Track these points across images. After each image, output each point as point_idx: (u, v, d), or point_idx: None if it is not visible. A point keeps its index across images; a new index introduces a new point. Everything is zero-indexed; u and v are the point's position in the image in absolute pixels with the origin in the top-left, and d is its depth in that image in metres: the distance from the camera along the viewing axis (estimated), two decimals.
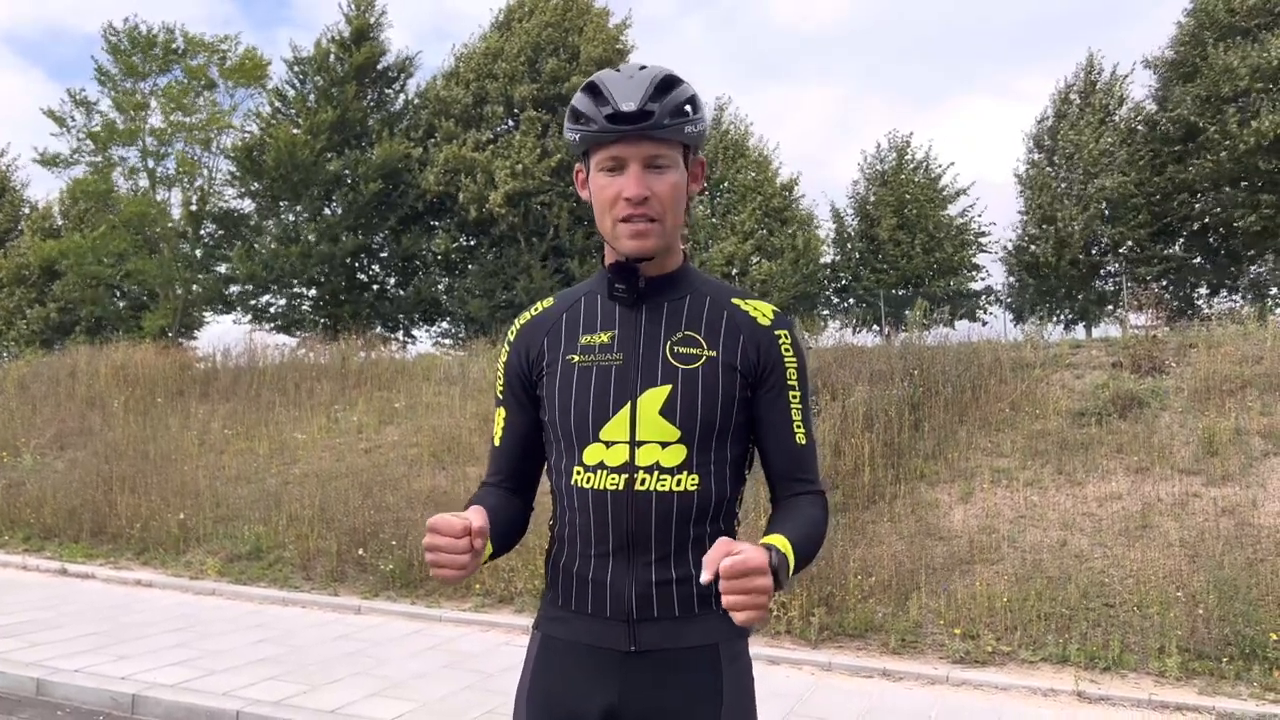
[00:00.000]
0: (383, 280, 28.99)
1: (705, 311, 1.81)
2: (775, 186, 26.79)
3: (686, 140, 1.75)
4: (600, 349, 1.81)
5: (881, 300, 24.84)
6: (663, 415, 1.74)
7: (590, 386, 1.79)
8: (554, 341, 1.87)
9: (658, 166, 1.72)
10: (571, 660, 1.82)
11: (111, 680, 5.99)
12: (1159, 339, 10.72)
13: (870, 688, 6.29)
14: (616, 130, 1.69)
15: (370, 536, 9.14)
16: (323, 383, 14.14)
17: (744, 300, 1.84)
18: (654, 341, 1.78)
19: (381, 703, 5.62)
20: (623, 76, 1.74)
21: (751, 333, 1.79)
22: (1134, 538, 7.68)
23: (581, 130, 1.74)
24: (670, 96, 1.72)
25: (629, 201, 1.70)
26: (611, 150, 1.72)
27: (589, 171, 1.79)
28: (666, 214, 1.73)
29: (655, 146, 1.71)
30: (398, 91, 28.88)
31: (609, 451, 1.76)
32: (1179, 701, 5.89)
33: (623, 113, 1.68)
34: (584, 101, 1.75)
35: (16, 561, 9.94)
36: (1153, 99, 25.16)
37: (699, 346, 1.77)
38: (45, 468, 12.46)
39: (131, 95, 25.32)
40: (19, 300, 29.87)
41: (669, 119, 1.70)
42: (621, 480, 1.75)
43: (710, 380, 1.75)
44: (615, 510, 1.75)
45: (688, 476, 1.75)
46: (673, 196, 1.74)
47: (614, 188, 1.72)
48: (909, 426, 9.68)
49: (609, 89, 1.71)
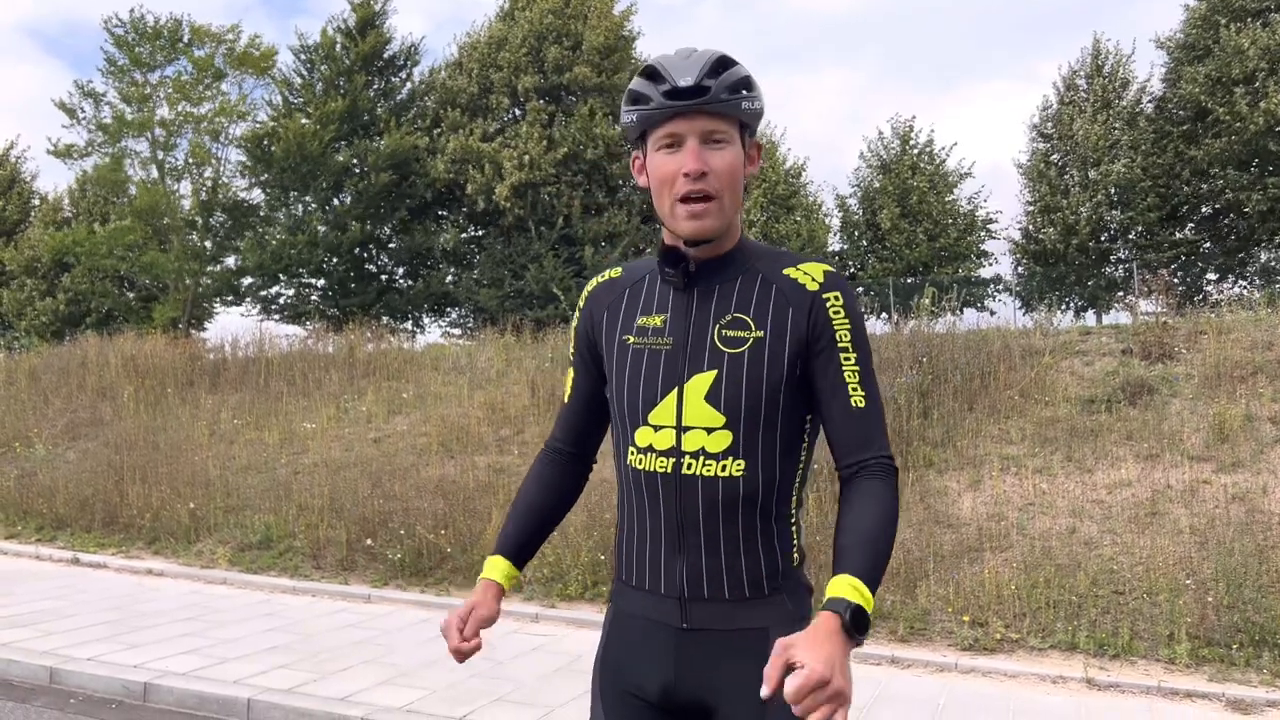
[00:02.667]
0: (391, 270, 29.03)
1: (756, 289, 1.78)
2: (780, 173, 26.70)
3: (743, 117, 1.74)
4: (653, 332, 1.82)
5: (891, 289, 24.79)
6: (708, 401, 1.74)
7: (641, 370, 1.81)
8: (613, 318, 1.90)
9: (715, 141, 1.71)
10: (636, 633, 1.86)
11: (123, 669, 6.03)
12: (1169, 325, 10.66)
13: (879, 675, 6.29)
14: (674, 106, 1.69)
15: (380, 526, 9.17)
16: (331, 373, 14.17)
17: (795, 267, 1.79)
18: (703, 326, 1.77)
19: (391, 690, 5.65)
20: (679, 57, 1.74)
21: (800, 300, 1.75)
22: (1144, 525, 7.66)
23: (639, 110, 1.74)
24: (727, 74, 1.72)
25: (688, 177, 1.69)
26: (669, 127, 1.71)
27: (645, 156, 1.78)
28: (725, 191, 1.72)
29: (712, 121, 1.70)
30: (404, 80, 28.87)
31: (657, 435, 1.78)
32: (1189, 688, 5.88)
33: (680, 88, 1.68)
34: (641, 84, 1.76)
35: (29, 551, 10.01)
36: (1162, 80, 25.00)
37: (747, 328, 1.75)
38: (57, 458, 12.53)
39: (140, 87, 25.32)
40: (30, 291, 30.01)
41: (726, 94, 1.70)
42: (669, 464, 1.77)
43: (756, 363, 1.73)
44: (665, 493, 1.78)
45: (733, 462, 1.74)
46: (731, 173, 1.72)
47: (672, 164, 1.72)
48: (918, 414, 9.67)
49: (666, 68, 1.72)
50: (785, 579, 1.78)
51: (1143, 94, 25.02)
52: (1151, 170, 23.62)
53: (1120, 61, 25.24)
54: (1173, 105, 24.15)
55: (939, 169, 27.18)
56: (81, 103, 25.46)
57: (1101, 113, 24.17)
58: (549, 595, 7.95)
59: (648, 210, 26.33)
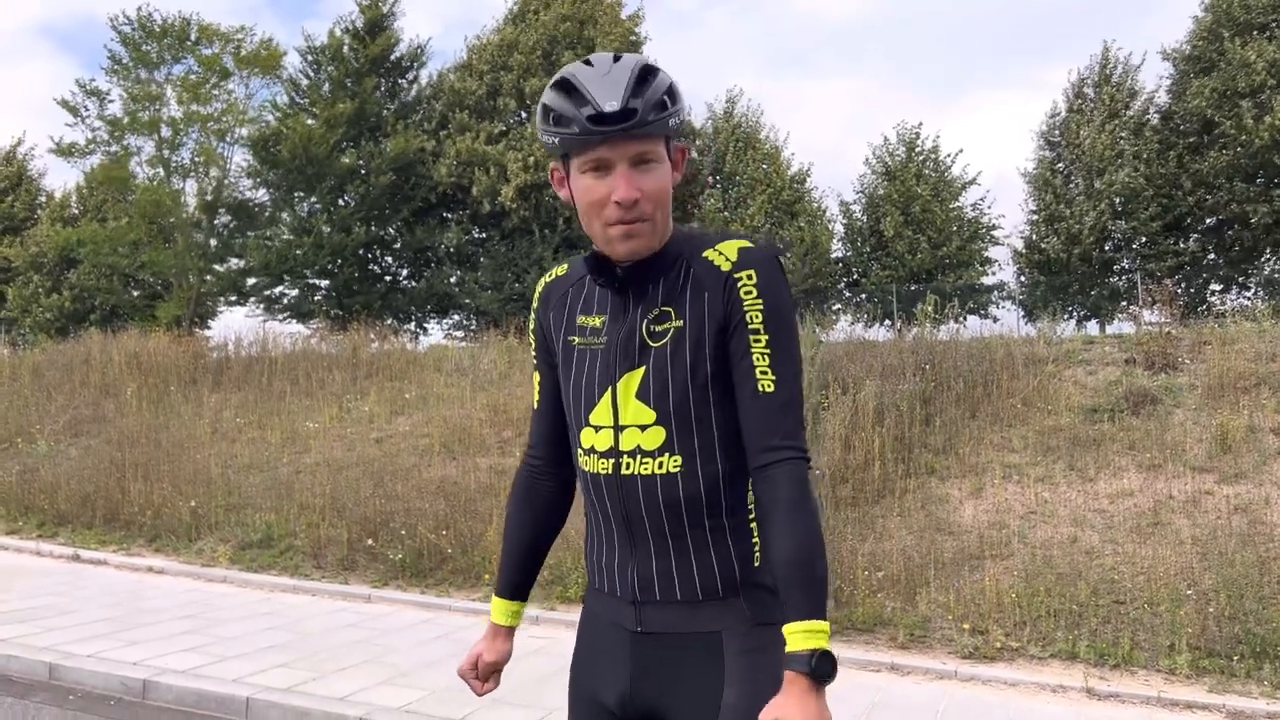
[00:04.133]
0: (395, 272, 29.06)
1: (679, 278, 1.71)
2: (785, 179, 26.70)
3: (669, 133, 1.67)
4: (592, 332, 1.79)
5: (895, 296, 24.77)
6: (639, 398, 1.71)
7: (582, 371, 1.79)
8: (559, 318, 1.87)
9: (645, 163, 1.63)
10: (599, 637, 1.86)
11: (123, 665, 6.03)
12: (1172, 335, 10.66)
13: (878, 681, 6.29)
14: (600, 132, 1.59)
15: (381, 526, 9.18)
16: (334, 373, 14.19)
17: (714, 248, 1.71)
18: (633, 323, 1.73)
19: (391, 690, 5.65)
20: (598, 72, 1.63)
21: (715, 282, 1.67)
22: (1145, 535, 7.65)
23: (561, 134, 1.63)
24: (650, 90, 1.62)
25: (620, 205, 1.62)
26: (596, 153, 1.62)
27: (569, 172, 1.69)
28: (657, 211, 1.66)
29: (641, 144, 1.62)
30: (410, 82, 28.91)
31: (597, 436, 1.76)
32: (1189, 699, 5.87)
33: (605, 114, 1.59)
34: (558, 101, 1.64)
35: (30, 547, 10.01)
36: (1168, 91, 25.00)
37: (668, 319, 1.70)
38: (59, 454, 12.54)
39: (146, 85, 25.36)
40: (35, 288, 30.06)
41: (653, 115, 1.61)
42: (609, 465, 1.74)
43: (679, 353, 1.68)
44: (610, 494, 1.75)
45: (670, 459, 1.69)
46: (661, 192, 1.66)
47: (601, 190, 1.63)
48: (920, 421, 9.67)
49: (587, 88, 1.61)
50: (743, 582, 1.71)
51: (1150, 104, 25.02)
52: (1155, 180, 23.62)
53: (1129, 72, 25.26)
54: (1178, 117, 24.14)
55: (943, 176, 27.17)
56: (85, 101, 25.51)
57: (1109, 122, 24.17)
58: (549, 598, 7.95)
59: None
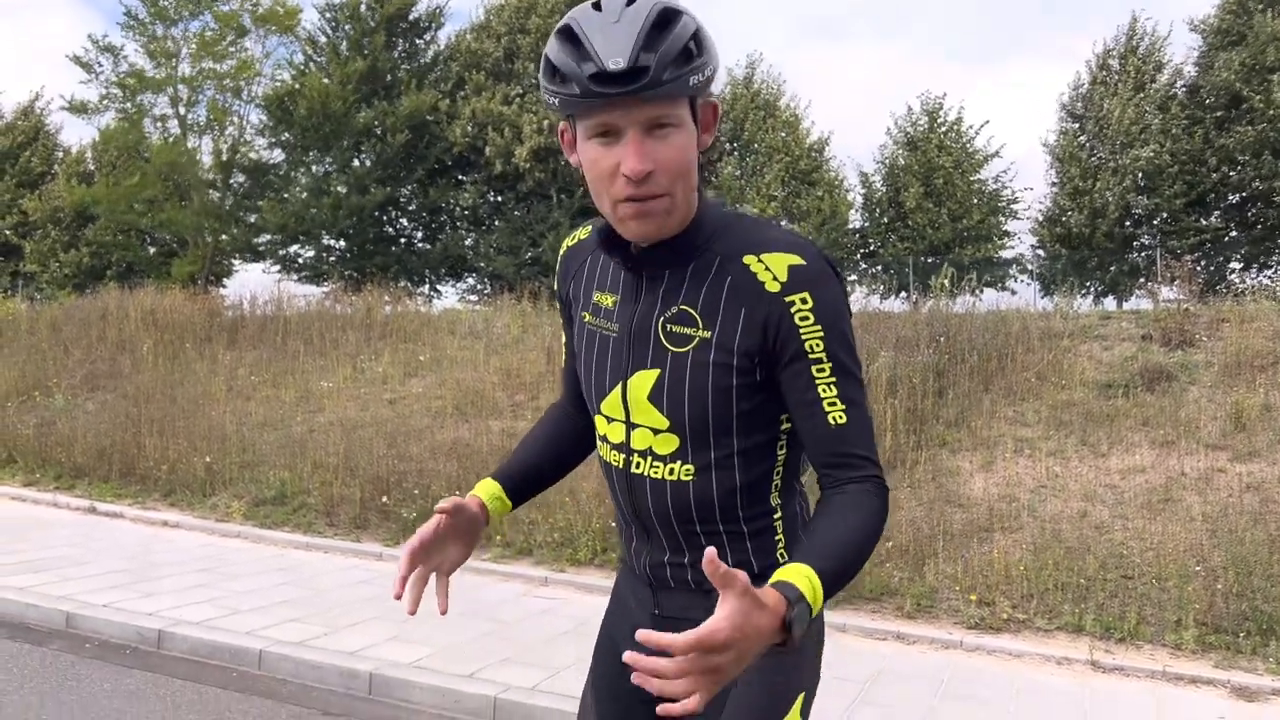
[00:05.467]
0: (410, 234, 29.05)
1: (709, 279, 1.51)
2: (804, 147, 26.47)
3: (693, 91, 1.42)
4: (605, 313, 1.64)
5: (911, 268, 24.62)
6: (651, 402, 1.56)
7: (594, 356, 1.66)
8: (577, 288, 1.73)
9: (660, 128, 1.40)
10: (624, 614, 1.81)
11: (139, 616, 6.12)
12: (1190, 312, 10.57)
13: (884, 650, 6.33)
14: (605, 94, 1.36)
15: (393, 485, 9.25)
16: (348, 333, 14.24)
17: (759, 256, 1.48)
18: (648, 316, 1.56)
19: (401, 647, 5.73)
20: (605, 19, 1.39)
21: (756, 303, 1.47)
22: (1156, 511, 7.64)
23: (560, 94, 1.41)
24: (669, 41, 1.38)
25: (630, 179, 1.40)
26: (602, 116, 1.40)
27: (576, 134, 1.48)
28: (676, 185, 1.44)
29: (656, 107, 1.39)
30: (428, 43, 28.73)
31: (610, 427, 1.65)
32: (1193, 674, 5.89)
33: (610, 73, 1.35)
34: (560, 53, 1.41)
35: (47, 499, 10.15)
36: (1195, 64, 24.61)
37: (694, 325, 1.51)
38: (76, 408, 12.66)
39: (162, 42, 25.27)
40: (53, 243, 30.19)
41: (669, 72, 1.37)
42: (621, 459, 1.64)
43: (701, 366, 1.51)
44: (620, 486, 1.67)
45: (681, 466, 1.57)
46: (682, 163, 1.43)
47: (609, 160, 1.42)
48: (933, 393, 9.64)
49: (590, 39, 1.37)
50: (760, 575, 1.52)
51: (1177, 77, 24.63)
52: (1179, 156, 23.31)
53: (1156, 43, 24.84)
54: (1205, 90, 23.77)
55: (965, 148, 26.86)
56: (98, 58, 25.41)
57: (1134, 95, 23.82)
58: (558, 560, 8.02)
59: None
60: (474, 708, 5.05)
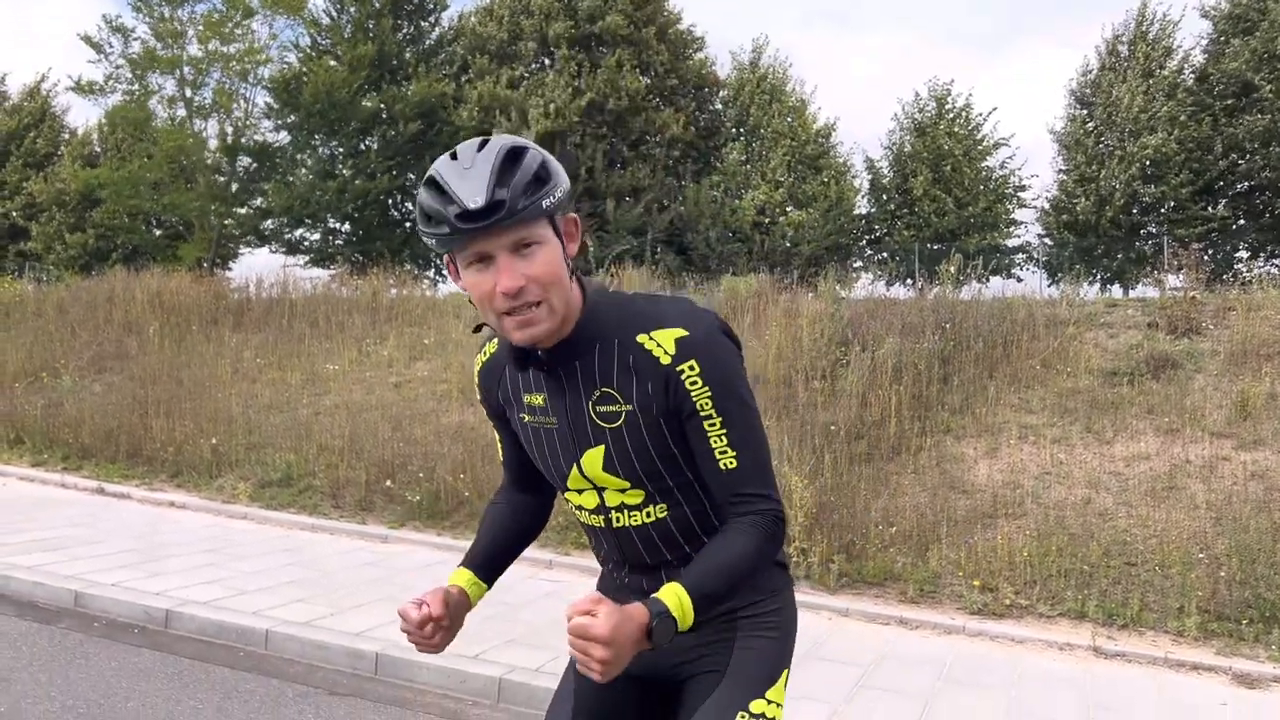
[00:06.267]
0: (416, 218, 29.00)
1: (615, 361, 1.72)
2: (810, 132, 26.33)
3: (548, 213, 1.61)
4: (539, 411, 1.83)
5: (916, 255, 24.53)
6: (606, 471, 1.78)
7: (544, 447, 1.85)
8: (505, 395, 1.92)
9: (526, 247, 1.59)
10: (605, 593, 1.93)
11: (146, 595, 6.17)
12: (1197, 300, 10.55)
13: (887, 634, 6.36)
14: (470, 229, 1.55)
15: (399, 468, 9.29)
16: (354, 316, 14.26)
17: (650, 334, 1.70)
18: (577, 404, 1.76)
19: None
20: (460, 167, 1.59)
21: (655, 374, 1.69)
22: (1160, 498, 7.65)
23: (435, 234, 1.60)
24: (518, 175, 1.57)
25: (506, 296, 1.59)
26: (473, 247, 1.59)
27: (458, 265, 1.67)
28: (550, 292, 1.62)
29: (518, 231, 1.58)
30: (432, 25, 28.63)
31: (582, 497, 1.86)
32: (1195, 661, 5.91)
33: (471, 210, 1.54)
34: (430, 200, 1.60)
35: (55, 479, 10.20)
36: (1204, 51, 24.41)
37: (616, 402, 1.73)
38: (83, 389, 12.71)
39: (169, 22, 25.20)
40: (59, 225, 30.20)
41: (524, 200, 1.56)
42: (600, 519, 1.86)
43: (635, 432, 1.73)
44: (609, 541, 1.89)
45: (655, 508, 1.81)
46: (550, 273, 1.61)
47: (487, 283, 1.60)
48: (938, 380, 9.65)
49: (450, 185, 1.57)
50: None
51: (1185, 64, 24.44)
52: (1187, 144, 23.17)
53: (1166, 28, 24.64)
54: (1215, 78, 23.59)
55: (973, 134, 26.71)
56: (110, 38, 25.37)
57: (1143, 82, 23.65)
58: (563, 544, 8.05)
59: (671, 165, 26.12)
60: (479, 688, 5.09)
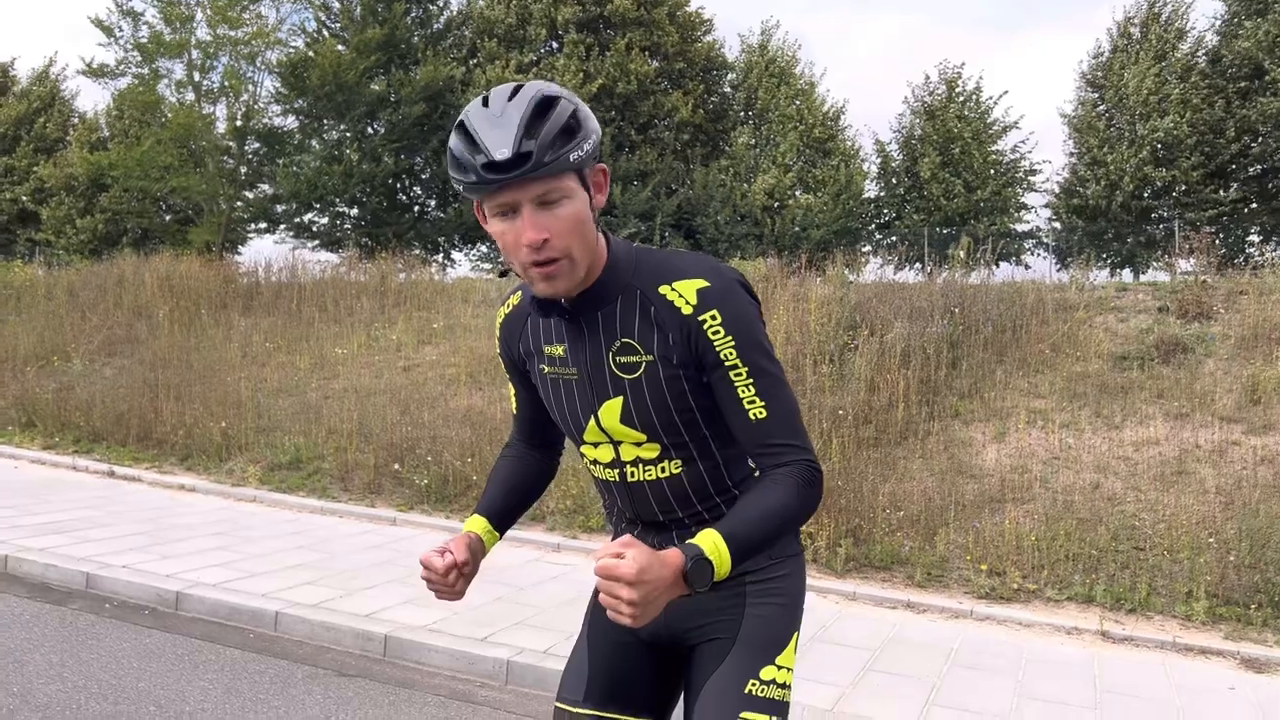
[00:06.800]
0: (424, 202, 28.99)
1: (637, 312, 1.75)
2: (819, 115, 26.18)
3: (576, 167, 1.62)
4: (559, 361, 1.86)
5: (926, 239, 24.40)
6: (624, 423, 1.80)
7: (562, 399, 1.88)
8: (527, 346, 1.94)
9: (551, 202, 1.61)
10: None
11: (157, 577, 6.21)
12: (1208, 284, 10.48)
13: (894, 618, 6.37)
14: (496, 180, 1.58)
15: (407, 452, 9.31)
16: (363, 301, 14.28)
17: (671, 285, 1.73)
18: (598, 355, 1.79)
19: (415, 610, 5.79)
20: (491, 115, 1.61)
21: (678, 324, 1.71)
22: (1169, 483, 7.63)
23: (463, 181, 1.63)
24: (547, 125, 1.59)
25: (530, 248, 1.62)
26: (499, 197, 1.61)
27: (485, 212, 1.69)
28: (573, 245, 1.64)
29: (544, 184, 1.60)
30: (441, 9, 28.53)
31: (597, 451, 1.88)
32: (1203, 645, 5.91)
33: (497, 162, 1.56)
34: (460, 146, 1.63)
35: (66, 462, 10.26)
36: (1217, 32, 24.16)
37: (637, 353, 1.75)
38: (94, 373, 12.77)
39: (177, 6, 25.16)
40: (68, 209, 30.26)
41: (550, 153, 1.58)
42: (615, 473, 1.88)
43: (654, 384, 1.75)
44: (620, 495, 1.91)
45: (670, 463, 1.83)
46: (574, 228, 1.64)
47: (512, 233, 1.63)
48: (946, 364, 9.62)
49: (479, 134, 1.59)
50: None
51: (1199, 46, 24.20)
52: (1198, 127, 22.97)
53: (1179, 10, 24.40)
54: (1227, 60, 23.37)
55: (983, 118, 26.51)
56: (120, 21, 25.35)
57: (1155, 64, 23.44)
58: (571, 526, 8.08)
59: (680, 149, 26.03)
60: (487, 670, 5.12)
